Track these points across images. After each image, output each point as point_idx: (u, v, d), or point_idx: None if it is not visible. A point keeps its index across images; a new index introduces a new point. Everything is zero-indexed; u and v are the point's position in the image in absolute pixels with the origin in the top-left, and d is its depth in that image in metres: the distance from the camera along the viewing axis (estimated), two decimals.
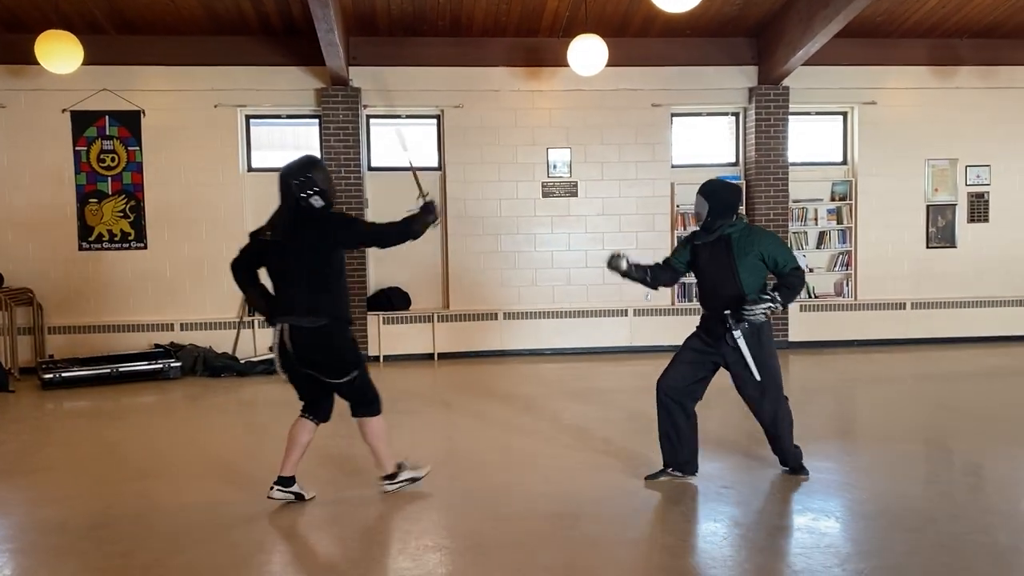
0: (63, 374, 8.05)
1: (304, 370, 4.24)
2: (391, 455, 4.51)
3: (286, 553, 3.86)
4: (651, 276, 4.90)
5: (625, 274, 4.83)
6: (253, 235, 4.36)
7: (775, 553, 3.76)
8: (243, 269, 4.39)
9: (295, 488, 4.41)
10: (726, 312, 4.52)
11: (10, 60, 8.82)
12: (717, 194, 4.63)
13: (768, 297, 4.49)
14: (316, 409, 4.43)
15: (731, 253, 4.56)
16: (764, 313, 4.50)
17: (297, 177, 4.21)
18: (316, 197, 4.20)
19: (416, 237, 4.30)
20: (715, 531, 4.09)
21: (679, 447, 4.70)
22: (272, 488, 4.37)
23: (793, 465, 4.80)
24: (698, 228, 4.76)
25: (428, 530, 4.14)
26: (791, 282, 4.58)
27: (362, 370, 4.31)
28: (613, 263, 4.80)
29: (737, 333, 4.50)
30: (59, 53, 7.68)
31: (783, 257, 4.59)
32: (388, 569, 3.61)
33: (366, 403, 4.37)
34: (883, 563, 3.58)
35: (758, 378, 4.55)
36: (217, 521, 4.19)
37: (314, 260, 4.17)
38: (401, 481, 4.51)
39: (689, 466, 4.74)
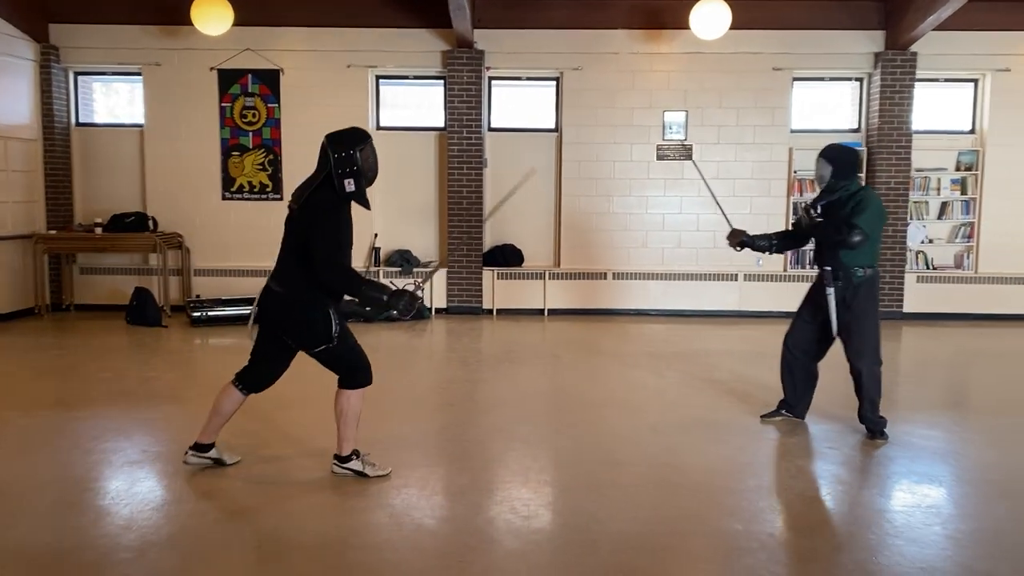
0: (209, 313, 8.82)
1: (275, 333, 4.09)
2: (351, 439, 4.17)
3: (409, 479, 4.29)
4: (777, 243, 5.24)
5: (744, 246, 5.20)
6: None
7: (877, 509, 3.96)
8: None
9: (212, 453, 4.31)
10: (826, 268, 4.88)
11: (165, 21, 9.52)
12: (839, 157, 4.89)
13: (817, 212, 4.89)
14: (250, 378, 4.23)
15: (835, 211, 4.85)
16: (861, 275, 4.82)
17: (338, 151, 3.86)
18: (351, 180, 3.87)
19: (360, 302, 4.00)
20: (819, 486, 4.32)
21: (793, 393, 5.21)
22: (187, 453, 4.28)
23: (871, 428, 5.00)
24: (821, 190, 4.99)
25: (546, 468, 4.52)
26: (845, 232, 4.69)
27: (336, 345, 4.02)
28: (733, 241, 5.22)
29: (830, 289, 4.83)
30: (211, 16, 8.34)
31: (862, 216, 4.73)
32: (512, 497, 4.00)
33: (345, 375, 4.14)
34: (982, 526, 3.74)
35: (834, 334, 4.91)
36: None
37: (300, 237, 3.89)
38: (348, 469, 4.17)
39: (799, 410, 5.25)
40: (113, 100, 10.59)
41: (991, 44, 9.42)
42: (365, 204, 4.01)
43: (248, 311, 8.77)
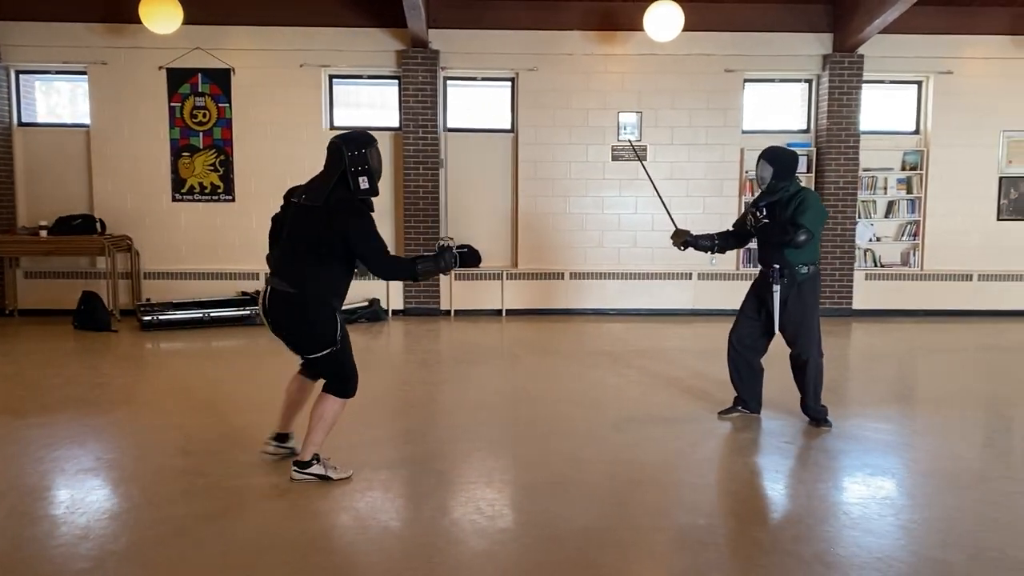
0: (160, 317, 8.65)
1: (275, 333, 4.12)
2: (318, 444, 4.13)
3: (373, 482, 4.26)
4: (719, 243, 5.35)
5: (688, 246, 5.30)
6: (288, 195, 4.27)
7: (833, 502, 4.05)
8: (277, 224, 4.32)
9: (292, 444, 4.46)
10: (774, 266, 5.00)
11: (112, 19, 9.31)
12: (780, 159, 5.04)
13: (762, 213, 5.01)
14: (309, 368, 4.33)
15: (777, 212, 4.99)
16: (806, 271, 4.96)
17: (353, 150, 3.97)
18: (364, 178, 3.98)
19: (417, 279, 4.12)
20: (777, 480, 4.39)
21: (743, 388, 5.33)
22: (267, 443, 4.46)
23: (815, 417, 5.19)
24: (762, 191, 5.12)
25: (509, 467, 4.54)
26: (791, 232, 4.85)
27: (336, 351, 4.05)
28: (677, 241, 5.33)
29: (776, 287, 4.98)
30: (160, 14, 8.18)
31: (805, 215, 4.88)
32: (476, 497, 4.00)
33: (335, 382, 4.14)
34: (933, 515, 3.85)
35: (776, 331, 5.07)
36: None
37: (327, 237, 3.94)
38: (310, 474, 4.11)
39: (752, 405, 5.36)
40: (55, 99, 10.32)
41: (934, 47, 9.71)
42: (371, 205, 4.11)
43: (201, 315, 8.73)
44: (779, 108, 10.26)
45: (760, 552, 3.47)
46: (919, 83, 10.05)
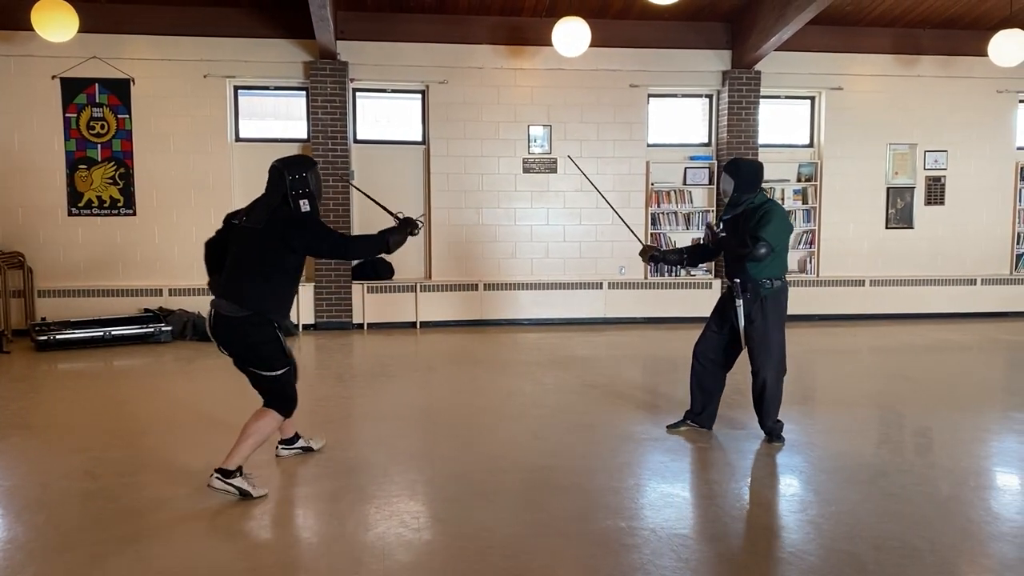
0: (57, 336, 8.27)
1: (224, 353, 4.18)
2: (244, 457, 4.09)
3: (294, 500, 4.20)
4: (688, 257, 5.32)
5: (656, 261, 5.28)
6: (228, 218, 4.33)
7: (745, 500, 4.21)
8: (214, 249, 4.35)
9: (301, 443, 4.84)
10: (735, 280, 4.99)
11: (1, 25, 8.88)
12: (741, 171, 4.98)
13: (719, 227, 5.02)
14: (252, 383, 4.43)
15: (740, 224, 4.98)
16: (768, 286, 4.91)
17: (293, 173, 4.10)
18: (305, 200, 4.11)
19: (390, 251, 4.29)
20: (693, 481, 4.54)
21: (700, 402, 5.27)
22: (277, 447, 4.78)
23: (769, 433, 5.18)
24: (726, 205, 5.08)
25: (432, 479, 4.52)
26: (751, 245, 4.78)
27: (283, 372, 4.17)
28: (645, 257, 5.25)
29: (739, 301, 4.97)
30: (55, 21, 7.83)
31: (767, 228, 4.83)
32: (400, 510, 3.98)
33: (276, 401, 4.20)
34: (839, 509, 4.04)
35: (742, 345, 5.04)
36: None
37: (270, 256, 4.06)
38: (230, 486, 4.02)
39: (706, 420, 5.31)
40: None
41: (825, 65, 10.24)
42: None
43: (101, 333, 8.39)
44: (682, 122, 10.59)
45: (680, 551, 3.58)
46: (812, 98, 10.57)
